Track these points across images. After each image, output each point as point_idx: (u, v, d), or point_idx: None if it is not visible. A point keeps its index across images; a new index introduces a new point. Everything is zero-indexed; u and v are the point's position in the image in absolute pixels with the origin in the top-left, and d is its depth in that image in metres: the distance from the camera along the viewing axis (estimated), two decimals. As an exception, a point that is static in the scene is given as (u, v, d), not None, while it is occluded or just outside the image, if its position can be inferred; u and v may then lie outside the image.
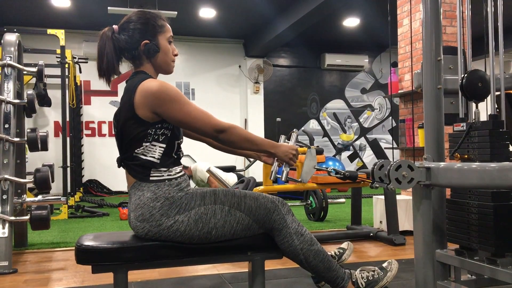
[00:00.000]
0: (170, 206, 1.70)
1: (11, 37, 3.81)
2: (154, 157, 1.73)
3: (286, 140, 1.97)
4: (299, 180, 1.97)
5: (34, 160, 6.89)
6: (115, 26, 1.81)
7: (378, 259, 3.28)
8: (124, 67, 1.87)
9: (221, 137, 1.74)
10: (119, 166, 1.81)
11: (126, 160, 1.77)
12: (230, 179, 6.11)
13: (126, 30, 1.79)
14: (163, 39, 1.82)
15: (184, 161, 2.27)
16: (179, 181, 1.76)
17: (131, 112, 1.72)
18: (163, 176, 1.73)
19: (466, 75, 1.73)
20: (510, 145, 1.88)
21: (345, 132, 10.14)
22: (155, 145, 1.74)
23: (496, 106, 1.90)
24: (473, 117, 1.75)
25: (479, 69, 1.75)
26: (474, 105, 1.77)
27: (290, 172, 2.00)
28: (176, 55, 1.87)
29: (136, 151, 1.73)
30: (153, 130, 1.73)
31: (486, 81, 1.72)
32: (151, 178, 1.72)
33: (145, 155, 1.73)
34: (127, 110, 1.73)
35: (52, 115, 8.28)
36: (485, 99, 1.78)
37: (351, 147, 10.17)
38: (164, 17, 1.87)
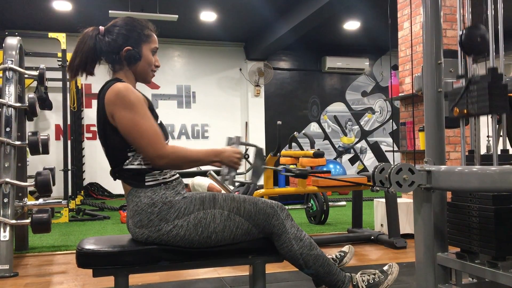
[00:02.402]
0: (168, 210, 1.69)
1: (12, 41, 3.82)
2: (142, 164, 1.72)
3: (234, 144, 1.91)
4: (250, 182, 1.97)
5: (35, 163, 6.90)
6: (101, 27, 1.80)
7: (379, 262, 3.27)
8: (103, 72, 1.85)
9: (161, 164, 1.67)
10: (114, 179, 1.79)
11: (118, 173, 1.75)
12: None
13: (111, 33, 1.78)
14: (147, 49, 1.81)
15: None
16: (175, 184, 1.76)
17: (105, 121, 1.69)
18: (158, 180, 1.72)
19: (464, 30, 1.72)
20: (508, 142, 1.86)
21: (345, 135, 10.14)
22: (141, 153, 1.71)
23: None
24: (472, 73, 1.73)
25: (478, 24, 1.73)
26: (472, 61, 1.75)
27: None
28: (158, 66, 1.85)
29: (124, 163, 1.71)
30: None
31: (485, 38, 1.71)
32: (146, 184, 1.71)
33: (134, 164, 1.71)
34: (102, 119, 1.71)
35: (53, 119, 8.29)
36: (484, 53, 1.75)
37: (352, 150, 10.16)
38: (153, 27, 1.86)
